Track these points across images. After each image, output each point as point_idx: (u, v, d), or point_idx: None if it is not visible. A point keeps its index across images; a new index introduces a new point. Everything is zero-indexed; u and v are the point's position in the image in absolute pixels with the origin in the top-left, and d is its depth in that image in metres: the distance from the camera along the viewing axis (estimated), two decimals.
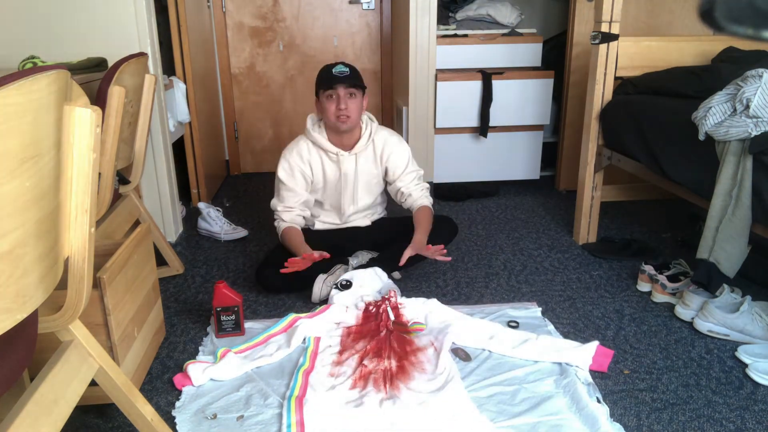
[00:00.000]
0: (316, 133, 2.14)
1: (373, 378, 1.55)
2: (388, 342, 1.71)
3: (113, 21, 2.29)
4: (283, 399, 1.48)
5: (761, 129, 1.59)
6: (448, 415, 1.40)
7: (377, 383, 1.53)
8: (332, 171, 2.16)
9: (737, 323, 1.73)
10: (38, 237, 0.83)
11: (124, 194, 2.06)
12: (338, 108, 2.03)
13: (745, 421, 1.41)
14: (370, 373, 1.57)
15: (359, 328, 1.79)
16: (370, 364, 1.61)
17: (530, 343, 1.69)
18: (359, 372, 1.58)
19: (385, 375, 1.56)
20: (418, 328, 1.80)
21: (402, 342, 1.72)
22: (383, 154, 2.19)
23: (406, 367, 1.60)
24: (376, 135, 2.18)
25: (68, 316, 1.03)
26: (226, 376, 1.57)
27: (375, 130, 2.18)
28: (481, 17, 3.10)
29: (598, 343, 1.67)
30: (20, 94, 0.73)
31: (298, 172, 2.15)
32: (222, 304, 1.76)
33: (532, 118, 3.15)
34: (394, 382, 1.53)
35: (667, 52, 2.31)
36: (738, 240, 1.67)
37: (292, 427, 1.37)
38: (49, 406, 0.98)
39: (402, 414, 1.41)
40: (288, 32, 3.65)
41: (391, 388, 1.51)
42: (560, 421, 1.38)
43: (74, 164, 0.92)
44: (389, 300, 1.85)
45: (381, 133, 2.20)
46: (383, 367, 1.59)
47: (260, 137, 3.84)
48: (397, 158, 2.20)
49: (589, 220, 2.51)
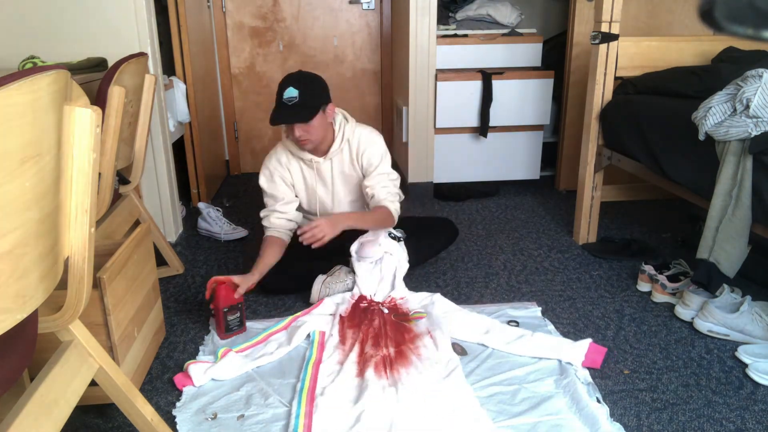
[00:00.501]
0: (290, 142, 2.07)
1: (374, 363, 1.59)
2: (384, 330, 1.76)
3: (113, 21, 2.29)
4: (294, 392, 1.50)
5: (761, 129, 1.59)
6: (449, 409, 1.42)
7: (378, 369, 1.57)
8: (311, 177, 2.12)
9: (737, 323, 1.73)
10: (38, 237, 0.83)
11: (124, 194, 2.06)
12: (295, 136, 1.94)
13: (745, 421, 1.41)
14: (371, 358, 1.61)
15: (352, 316, 1.84)
16: (370, 351, 1.65)
17: (525, 339, 1.71)
18: (362, 359, 1.62)
19: (384, 362, 1.60)
20: (418, 317, 1.84)
21: (399, 329, 1.76)
22: (358, 152, 2.09)
23: (404, 352, 1.65)
24: (352, 135, 2.08)
25: (68, 316, 1.03)
26: (227, 375, 1.57)
27: (350, 130, 2.08)
28: (481, 17, 3.10)
29: (591, 340, 1.68)
30: (20, 94, 0.73)
31: (278, 177, 2.10)
32: (227, 303, 1.75)
33: (532, 118, 3.15)
34: (394, 368, 1.57)
35: (667, 52, 2.31)
36: (738, 240, 1.67)
37: (300, 417, 1.39)
38: (49, 406, 0.98)
39: (404, 408, 1.42)
40: (288, 32, 3.65)
41: (391, 373, 1.55)
42: (560, 421, 1.38)
43: (74, 164, 0.92)
44: (383, 304, 1.89)
45: (357, 132, 2.09)
46: (382, 354, 1.64)
47: (260, 137, 3.84)
48: (369, 156, 2.08)
49: (589, 220, 2.51)
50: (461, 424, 1.37)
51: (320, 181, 2.12)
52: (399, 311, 1.90)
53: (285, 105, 1.90)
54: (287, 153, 2.11)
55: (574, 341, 1.69)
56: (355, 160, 2.11)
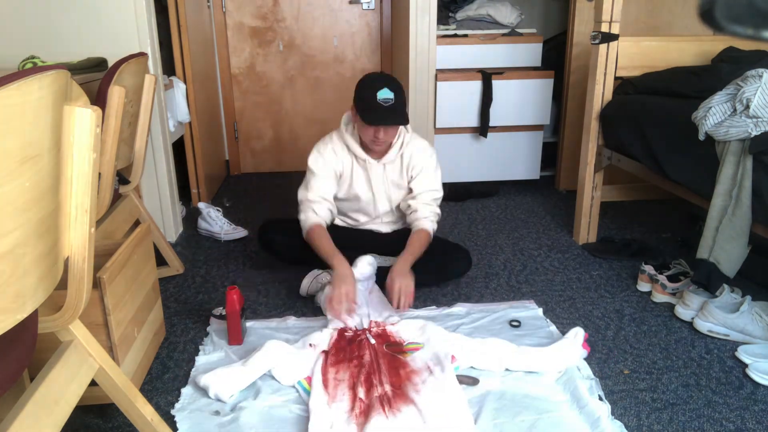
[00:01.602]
0: (349, 135, 2.04)
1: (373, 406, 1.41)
2: (377, 367, 1.56)
3: (113, 21, 2.29)
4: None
5: (761, 129, 1.59)
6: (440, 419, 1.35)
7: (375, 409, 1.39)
8: (359, 175, 2.07)
9: (737, 323, 1.73)
10: (38, 237, 0.83)
11: (124, 194, 2.06)
12: (376, 136, 1.91)
13: (745, 421, 1.41)
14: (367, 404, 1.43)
15: (337, 350, 1.65)
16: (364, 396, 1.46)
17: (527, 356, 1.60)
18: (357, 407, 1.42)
19: (382, 401, 1.42)
20: (414, 348, 1.66)
21: (394, 364, 1.58)
22: (410, 165, 2.06)
23: (404, 392, 1.46)
24: (408, 145, 2.06)
25: (68, 316, 1.03)
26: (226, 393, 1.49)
27: (408, 140, 2.06)
28: (481, 17, 3.10)
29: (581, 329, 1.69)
30: (20, 94, 0.73)
31: (330, 163, 2.05)
32: (241, 305, 1.72)
33: (532, 118, 3.15)
34: (393, 407, 1.40)
35: (667, 52, 2.31)
36: (738, 240, 1.67)
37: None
38: (49, 406, 0.98)
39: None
40: (288, 32, 3.65)
41: (390, 411, 1.39)
42: (560, 419, 1.38)
43: (74, 164, 0.92)
44: (370, 331, 1.73)
45: (412, 144, 2.07)
46: (378, 394, 1.45)
47: (260, 137, 3.84)
48: (421, 170, 2.06)
49: (589, 220, 2.51)
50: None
51: (367, 182, 2.08)
52: (391, 340, 1.71)
53: (381, 106, 1.85)
54: (343, 145, 2.06)
55: (568, 339, 1.67)
56: (405, 170, 2.08)
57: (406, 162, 2.06)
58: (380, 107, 1.85)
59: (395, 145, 2.04)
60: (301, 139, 3.84)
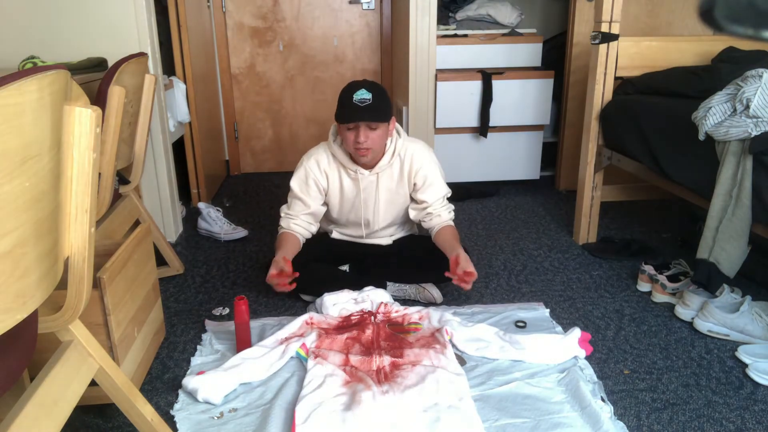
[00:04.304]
0: (337, 146, 1.95)
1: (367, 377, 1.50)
2: (376, 339, 1.66)
3: (113, 21, 2.29)
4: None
5: (761, 129, 1.59)
6: (444, 413, 1.38)
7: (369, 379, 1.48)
8: (350, 188, 1.99)
9: (737, 323, 1.73)
10: (38, 237, 0.83)
11: (124, 194, 2.06)
12: (356, 141, 1.82)
13: (745, 421, 1.41)
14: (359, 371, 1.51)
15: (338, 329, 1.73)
16: (358, 364, 1.55)
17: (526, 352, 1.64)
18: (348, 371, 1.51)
19: (378, 374, 1.51)
20: (414, 328, 1.76)
21: (394, 339, 1.68)
22: (411, 170, 1.98)
23: (400, 365, 1.55)
24: (403, 149, 1.97)
25: (68, 316, 1.03)
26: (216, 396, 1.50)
27: (401, 144, 1.96)
28: (481, 17, 3.10)
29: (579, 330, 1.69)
30: (20, 94, 0.73)
31: (312, 181, 1.97)
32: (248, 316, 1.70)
33: (532, 118, 3.15)
34: (390, 378, 1.48)
35: (667, 52, 2.31)
36: (738, 240, 1.67)
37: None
38: (49, 406, 0.98)
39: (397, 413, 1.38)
40: (288, 32, 3.65)
41: (386, 382, 1.47)
42: (562, 420, 1.38)
43: (74, 164, 0.92)
44: (376, 314, 1.79)
45: (409, 147, 1.98)
46: (375, 367, 1.54)
47: (260, 137, 3.84)
48: (425, 176, 1.99)
49: (589, 220, 2.51)
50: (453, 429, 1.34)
51: (360, 193, 1.99)
52: (393, 321, 1.79)
53: (357, 105, 1.79)
54: (329, 156, 1.98)
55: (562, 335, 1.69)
56: (406, 177, 1.99)
57: (406, 168, 1.98)
58: (356, 106, 1.80)
59: (387, 152, 1.95)
60: (301, 139, 3.85)
